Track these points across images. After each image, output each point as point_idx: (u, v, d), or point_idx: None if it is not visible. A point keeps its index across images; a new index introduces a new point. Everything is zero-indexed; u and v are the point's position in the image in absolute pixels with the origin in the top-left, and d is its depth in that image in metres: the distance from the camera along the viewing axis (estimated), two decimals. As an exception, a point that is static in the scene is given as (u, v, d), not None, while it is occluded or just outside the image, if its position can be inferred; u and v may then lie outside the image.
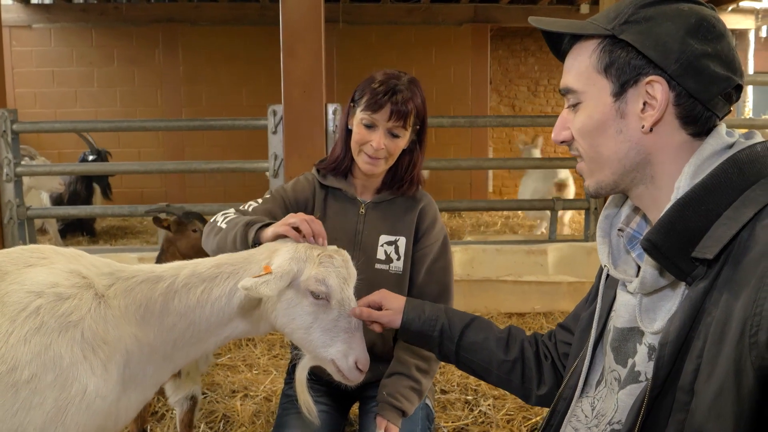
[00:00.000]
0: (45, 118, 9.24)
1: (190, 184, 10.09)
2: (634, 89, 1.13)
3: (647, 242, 1.08)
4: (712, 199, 1.05)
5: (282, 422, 2.08)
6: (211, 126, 5.65)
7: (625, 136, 1.15)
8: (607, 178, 1.20)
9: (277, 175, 4.68)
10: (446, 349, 1.61)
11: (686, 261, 1.06)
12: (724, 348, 0.98)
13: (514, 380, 1.56)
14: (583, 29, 1.18)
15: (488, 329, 1.61)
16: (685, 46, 1.08)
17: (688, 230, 1.06)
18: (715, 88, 1.09)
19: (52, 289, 1.47)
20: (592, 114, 1.17)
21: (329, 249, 1.67)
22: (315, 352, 1.62)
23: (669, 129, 1.12)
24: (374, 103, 1.97)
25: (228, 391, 3.27)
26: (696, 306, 1.04)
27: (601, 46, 1.15)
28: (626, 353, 1.22)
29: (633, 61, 1.11)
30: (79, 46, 9.85)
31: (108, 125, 5.92)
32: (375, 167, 2.03)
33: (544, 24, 1.22)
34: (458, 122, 6.05)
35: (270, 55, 6.80)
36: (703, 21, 1.09)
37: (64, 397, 1.40)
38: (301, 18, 4.39)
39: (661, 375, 1.06)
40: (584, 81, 1.18)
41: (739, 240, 1.02)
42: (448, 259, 2.14)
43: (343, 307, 1.61)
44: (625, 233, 1.26)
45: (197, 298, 1.58)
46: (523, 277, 4.60)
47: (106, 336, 1.49)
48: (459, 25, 10.29)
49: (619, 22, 1.12)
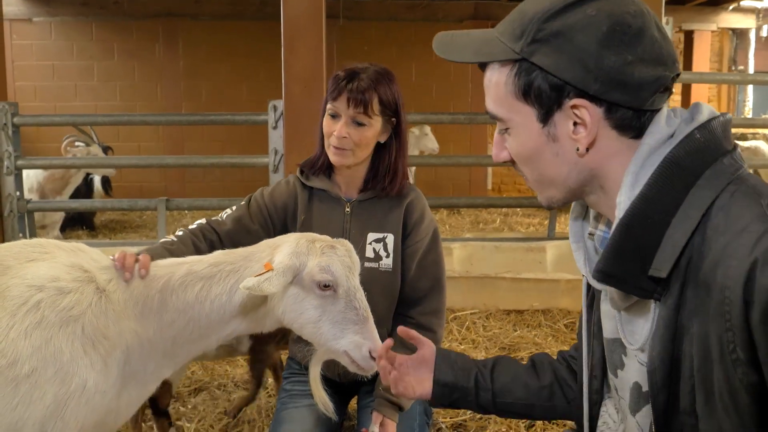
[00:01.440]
0: (45, 111, 9.24)
1: (190, 178, 10.09)
2: (560, 113, 1.05)
3: (599, 274, 1.04)
4: (657, 208, 0.99)
5: (280, 417, 2.08)
6: (211, 121, 5.65)
7: (562, 159, 1.08)
8: (556, 195, 1.15)
9: (277, 170, 4.68)
10: (483, 399, 1.46)
11: (645, 280, 1.01)
12: (712, 367, 0.94)
13: (558, 404, 1.45)
14: (492, 55, 1.09)
15: (514, 366, 1.50)
16: (602, 61, 0.99)
17: (639, 249, 1.00)
18: (646, 93, 1.01)
19: (53, 284, 1.47)
20: (523, 141, 1.11)
21: (330, 240, 1.66)
22: (326, 345, 1.60)
23: (607, 142, 1.05)
24: (334, 90, 1.97)
25: (229, 386, 3.28)
26: (671, 324, 1.00)
27: (515, 71, 1.06)
28: (614, 364, 1.20)
29: (551, 85, 1.03)
30: (79, 40, 9.84)
31: (108, 119, 5.92)
32: (342, 158, 2.00)
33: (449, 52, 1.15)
34: (458, 119, 6.06)
35: (270, 51, 6.79)
36: (615, 25, 0.99)
37: (64, 392, 1.41)
38: (301, 14, 4.38)
39: (660, 401, 1.03)
40: (507, 108, 1.10)
41: (693, 246, 0.97)
42: (439, 253, 2.13)
43: (350, 297, 1.59)
44: (596, 236, 1.20)
45: (195, 296, 1.58)
46: (522, 274, 4.60)
47: (107, 331, 1.49)
48: (459, 22, 10.27)
49: (526, 42, 1.03)
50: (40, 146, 9.56)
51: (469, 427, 2.85)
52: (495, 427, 2.83)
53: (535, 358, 1.53)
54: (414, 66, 10.28)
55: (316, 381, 1.72)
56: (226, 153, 8.99)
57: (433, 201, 5.73)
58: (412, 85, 10.04)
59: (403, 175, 2.12)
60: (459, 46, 1.15)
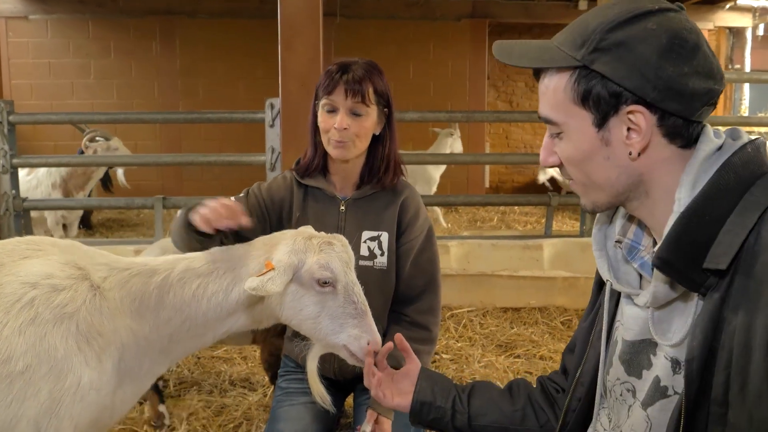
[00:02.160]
0: (41, 109, 9.21)
1: (187, 177, 10.07)
2: (615, 118, 1.11)
3: (659, 260, 1.08)
4: (714, 207, 1.05)
5: (276, 414, 2.08)
6: (209, 119, 5.65)
7: (613, 162, 1.14)
8: (602, 199, 1.20)
9: (274, 169, 4.68)
10: (459, 421, 1.52)
11: (698, 273, 1.05)
12: (753, 357, 0.98)
13: (531, 428, 1.50)
14: (553, 61, 1.14)
15: (489, 389, 1.57)
16: (661, 71, 1.05)
17: (696, 242, 1.05)
18: (698, 103, 1.08)
19: (47, 281, 1.47)
20: (577, 145, 1.16)
21: (326, 236, 1.67)
22: (325, 340, 1.62)
23: (657, 148, 1.11)
24: (329, 84, 1.97)
25: (225, 384, 3.28)
26: (714, 317, 1.04)
27: (574, 78, 1.12)
28: (640, 365, 1.22)
29: (610, 91, 1.09)
30: (76, 38, 9.82)
31: (104, 117, 5.91)
32: (345, 151, 2.00)
33: (510, 58, 1.20)
34: (455, 117, 6.06)
35: (268, 49, 6.77)
36: (674, 39, 1.06)
37: (59, 389, 1.40)
38: (299, 11, 4.38)
39: (692, 390, 1.06)
40: (563, 113, 1.16)
41: (747, 245, 1.02)
42: (434, 251, 2.13)
43: (349, 291, 1.61)
44: (624, 244, 1.25)
45: (192, 293, 1.58)
46: (519, 272, 4.61)
47: (101, 328, 1.49)
48: (457, 20, 10.27)
49: (588, 50, 1.09)
50: (36, 144, 9.54)
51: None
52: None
53: (513, 383, 1.58)
54: (412, 64, 10.27)
55: (314, 375, 1.72)
56: (223, 151, 9.01)
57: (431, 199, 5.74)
58: (409, 83, 10.03)
59: (398, 164, 2.12)
60: (518, 53, 1.20)
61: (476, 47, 10.39)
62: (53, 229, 6.30)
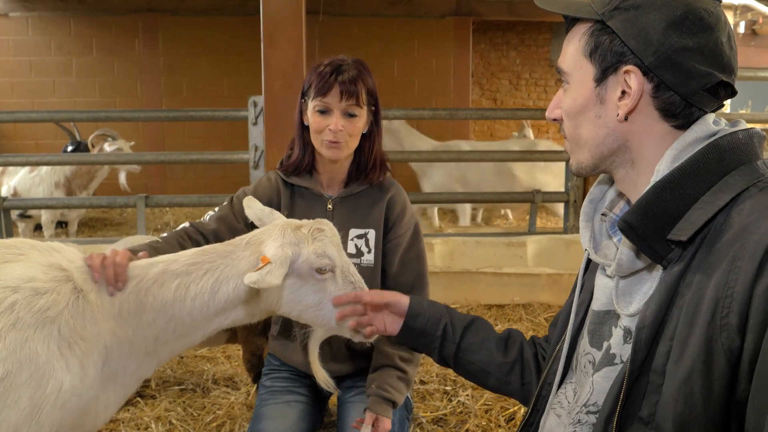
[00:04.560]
0: (22, 108, 9.11)
1: (170, 175, 10.01)
2: (614, 77, 1.14)
3: (624, 223, 1.10)
4: (691, 183, 1.07)
5: (260, 413, 2.08)
6: (191, 117, 5.61)
7: (603, 122, 1.16)
8: (587, 159, 1.22)
9: (257, 167, 4.67)
10: (447, 350, 1.56)
11: (662, 243, 1.07)
12: (695, 329, 1.00)
13: (513, 382, 1.53)
14: (578, 12, 1.18)
15: (488, 330, 1.58)
16: (665, 39, 1.07)
17: (665, 213, 1.07)
18: (694, 83, 1.08)
19: (29, 284, 1.44)
20: (576, 97, 1.19)
21: (313, 223, 1.67)
22: (329, 324, 1.64)
23: (647, 119, 1.13)
24: (323, 86, 1.96)
25: (208, 383, 3.27)
26: (671, 289, 1.06)
27: (591, 31, 1.16)
28: (601, 336, 1.23)
29: (615, 49, 1.12)
30: (57, 36, 9.71)
31: (86, 115, 5.84)
32: (339, 151, 2.01)
33: (546, 3, 1.24)
34: (439, 114, 6.07)
35: (251, 46, 6.75)
36: (689, 14, 1.08)
37: (39, 395, 1.38)
38: (281, 8, 4.36)
39: (638, 359, 1.07)
40: (573, 64, 1.20)
41: (715, 224, 1.04)
42: (421, 248, 2.14)
43: (345, 273, 1.63)
44: (609, 218, 1.27)
45: (173, 294, 1.56)
46: (503, 268, 4.63)
47: (84, 332, 1.47)
48: (441, 17, 10.28)
49: (610, 8, 1.13)
50: (17, 143, 9.44)
51: (450, 421, 2.87)
52: (475, 420, 2.84)
53: (511, 332, 1.59)
54: (396, 62, 10.27)
55: (315, 359, 1.73)
56: (207, 149, 8.95)
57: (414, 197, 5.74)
58: (394, 80, 10.04)
59: (383, 161, 2.14)
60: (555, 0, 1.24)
61: (460, 45, 10.41)
62: (47, 227, 6.26)
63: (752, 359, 0.94)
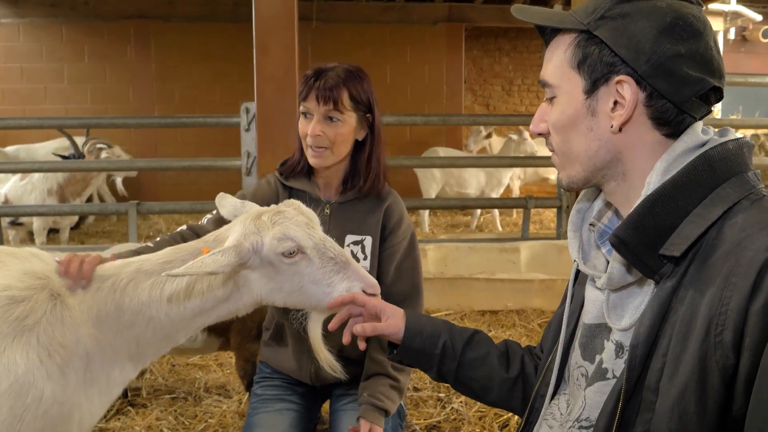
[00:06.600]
0: (13, 114, 9.05)
1: (163, 182, 9.98)
2: (605, 87, 1.11)
3: (615, 238, 1.07)
4: (682, 196, 1.05)
5: (251, 422, 2.06)
6: (184, 123, 5.59)
7: (595, 134, 1.13)
8: (578, 173, 1.19)
9: (250, 173, 4.65)
10: (446, 368, 1.47)
11: (654, 258, 1.05)
12: (689, 346, 0.98)
13: (515, 398, 1.46)
14: (561, 23, 1.16)
15: (488, 345, 1.50)
16: (657, 46, 1.05)
17: (656, 227, 1.05)
18: (688, 91, 1.07)
19: (5, 293, 1.42)
20: (564, 110, 1.16)
21: (275, 207, 1.61)
22: (319, 305, 1.55)
23: (641, 129, 1.11)
24: (303, 90, 1.97)
25: (200, 391, 3.24)
26: (664, 305, 1.04)
27: (577, 41, 1.13)
28: (593, 349, 1.21)
29: (605, 59, 1.09)
30: (49, 42, 9.68)
31: (78, 122, 5.82)
32: (321, 159, 1.99)
33: (524, 15, 1.22)
34: (431, 120, 6.07)
35: (243, 53, 6.73)
36: (678, 20, 1.06)
37: (20, 405, 1.36)
38: (274, 15, 4.36)
39: (634, 376, 1.05)
40: (559, 75, 1.17)
41: (707, 238, 1.02)
42: (416, 257, 2.12)
43: (321, 250, 1.53)
44: (597, 228, 1.24)
45: (148, 294, 1.52)
46: (496, 274, 4.63)
47: (63, 339, 1.44)
48: (434, 24, 10.31)
49: (595, 17, 1.11)
50: (8, 150, 9.38)
51: (443, 428, 2.85)
52: (469, 427, 2.83)
53: (510, 345, 1.53)
54: (389, 68, 10.29)
55: (319, 343, 1.66)
56: (199, 156, 8.93)
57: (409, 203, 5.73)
58: (386, 86, 10.05)
59: (382, 172, 2.10)
60: (534, 12, 1.22)
61: (453, 51, 10.44)
62: (39, 234, 6.21)
63: (749, 378, 0.93)
